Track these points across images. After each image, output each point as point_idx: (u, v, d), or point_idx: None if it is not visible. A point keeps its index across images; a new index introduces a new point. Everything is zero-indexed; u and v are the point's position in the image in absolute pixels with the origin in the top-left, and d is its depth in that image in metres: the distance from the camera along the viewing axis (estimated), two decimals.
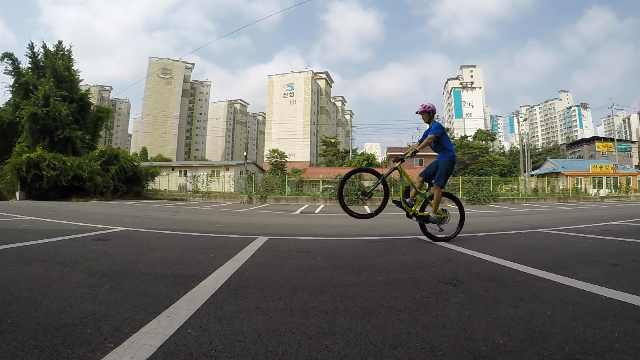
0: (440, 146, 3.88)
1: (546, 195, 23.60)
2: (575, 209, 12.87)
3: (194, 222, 6.44)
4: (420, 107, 4.03)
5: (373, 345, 1.26)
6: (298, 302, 1.75)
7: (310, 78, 79.01)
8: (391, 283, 2.15)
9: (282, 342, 1.28)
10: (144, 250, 3.23)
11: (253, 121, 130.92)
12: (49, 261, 2.62)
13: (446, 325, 1.45)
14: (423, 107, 4.00)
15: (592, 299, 1.81)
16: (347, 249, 3.52)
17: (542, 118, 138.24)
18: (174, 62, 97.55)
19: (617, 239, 4.22)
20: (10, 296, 1.76)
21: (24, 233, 4.23)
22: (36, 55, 23.33)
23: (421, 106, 4.04)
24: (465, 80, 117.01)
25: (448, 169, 3.79)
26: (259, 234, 4.36)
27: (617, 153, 41.82)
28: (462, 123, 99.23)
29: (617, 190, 31.93)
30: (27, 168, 17.24)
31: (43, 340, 1.25)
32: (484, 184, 20.10)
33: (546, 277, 2.29)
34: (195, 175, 22.92)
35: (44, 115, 19.89)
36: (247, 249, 3.29)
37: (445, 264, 2.74)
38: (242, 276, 2.29)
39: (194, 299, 1.77)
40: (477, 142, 58.82)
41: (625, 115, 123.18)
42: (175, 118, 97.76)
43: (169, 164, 40.46)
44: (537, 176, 35.64)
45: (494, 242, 4.06)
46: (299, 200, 17.35)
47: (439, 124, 3.88)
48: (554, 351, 1.21)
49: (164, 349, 1.20)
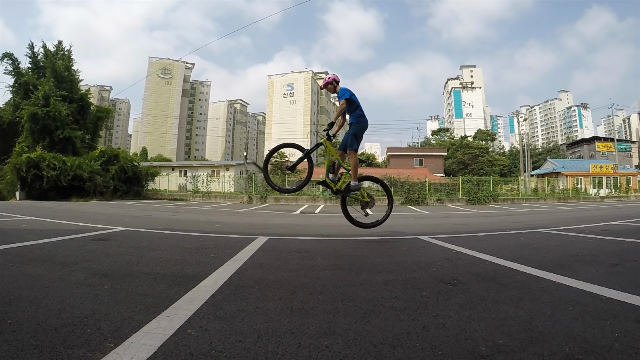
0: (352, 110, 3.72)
1: (546, 195, 23.60)
2: (575, 209, 12.87)
3: (194, 222, 6.44)
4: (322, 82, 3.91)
5: (373, 345, 1.26)
6: (298, 302, 1.75)
7: (310, 78, 79.05)
8: (391, 283, 2.15)
9: (282, 342, 1.28)
10: (144, 250, 3.23)
11: (253, 121, 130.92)
12: (49, 261, 2.61)
13: (446, 325, 1.45)
14: (325, 80, 3.86)
15: (592, 299, 1.81)
16: (347, 249, 3.52)
17: (542, 118, 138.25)
18: (174, 62, 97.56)
19: (617, 239, 4.22)
20: (10, 296, 1.76)
21: (24, 233, 4.22)
22: (36, 55, 23.33)
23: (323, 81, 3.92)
24: (465, 80, 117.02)
25: (357, 131, 3.61)
26: (259, 234, 4.36)
27: (617, 153, 41.83)
28: (462, 123, 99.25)
29: (617, 190, 31.94)
30: (27, 168, 17.23)
31: (43, 340, 1.25)
32: (484, 184, 20.10)
33: (546, 277, 2.28)
34: (195, 175, 22.93)
35: (44, 115, 19.89)
36: (247, 249, 3.29)
37: (445, 264, 2.74)
38: (242, 276, 2.29)
39: (194, 299, 1.77)
40: (477, 142, 58.78)
41: (625, 115, 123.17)
42: (175, 118, 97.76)
43: (169, 164, 40.45)
44: (537, 176, 35.64)
45: (494, 242, 4.06)
46: (299, 200, 17.34)
47: (343, 89, 3.69)
48: (554, 351, 1.21)
49: (164, 349, 1.20)
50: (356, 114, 3.63)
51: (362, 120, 3.63)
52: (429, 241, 3.99)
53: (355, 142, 3.62)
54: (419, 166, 42.25)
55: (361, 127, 3.64)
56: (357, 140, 3.63)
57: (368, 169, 31.03)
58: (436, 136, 73.02)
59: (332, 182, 3.68)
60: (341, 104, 3.63)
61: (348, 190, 3.59)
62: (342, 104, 3.62)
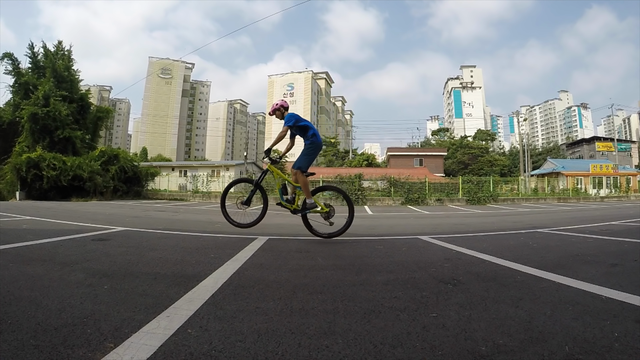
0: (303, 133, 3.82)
1: (546, 195, 23.60)
2: (575, 209, 12.87)
3: (194, 222, 6.44)
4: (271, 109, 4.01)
5: (373, 345, 1.26)
6: (298, 302, 1.75)
7: (310, 78, 79.06)
8: (391, 283, 2.15)
9: (282, 342, 1.28)
10: (144, 250, 3.23)
11: (253, 121, 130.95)
12: (49, 261, 2.61)
13: (446, 325, 1.45)
14: (273, 107, 3.97)
15: (592, 299, 1.81)
16: (347, 249, 3.52)
17: (542, 118, 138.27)
18: (174, 62, 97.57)
19: (617, 239, 4.22)
20: (10, 296, 1.76)
21: (24, 233, 4.22)
22: (36, 55, 23.33)
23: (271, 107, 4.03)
24: (465, 80, 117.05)
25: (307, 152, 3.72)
26: (259, 234, 4.36)
27: (617, 153, 41.83)
28: (462, 123, 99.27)
29: (617, 190, 31.94)
30: (27, 168, 17.23)
31: (43, 340, 1.25)
32: (484, 184, 20.10)
33: (546, 277, 2.28)
34: (195, 175, 22.95)
35: (44, 115, 19.89)
36: (247, 249, 3.29)
37: (445, 264, 2.74)
38: (242, 276, 2.29)
39: (194, 299, 1.77)
40: (477, 142, 58.80)
41: (625, 115, 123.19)
42: (175, 118, 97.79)
43: (169, 164, 40.47)
44: (537, 176, 35.64)
45: (494, 242, 4.06)
46: None
47: (289, 115, 3.79)
48: (554, 351, 1.21)
49: (164, 349, 1.20)
50: (308, 135, 3.74)
51: (315, 140, 3.72)
52: (429, 241, 3.99)
53: (304, 161, 3.70)
54: (419, 166, 42.26)
55: (313, 147, 3.72)
56: (307, 160, 3.72)
57: (368, 169, 31.00)
58: (436, 136, 73.06)
59: (287, 203, 3.80)
60: (284, 130, 3.73)
61: (304, 209, 3.70)
62: (284, 130, 3.73)
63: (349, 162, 50.04)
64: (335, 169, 37.95)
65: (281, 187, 3.87)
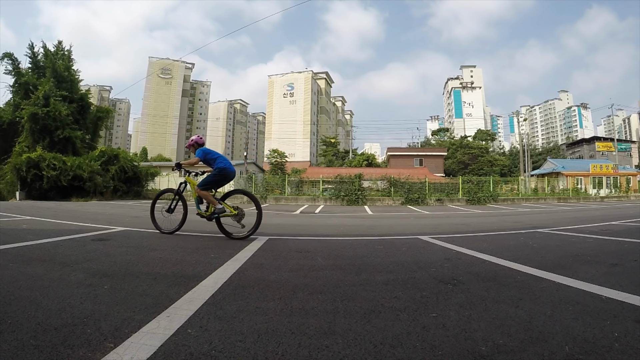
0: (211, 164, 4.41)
1: (546, 195, 23.60)
2: (575, 209, 12.87)
3: (194, 222, 6.43)
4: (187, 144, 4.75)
5: (373, 345, 1.26)
6: (298, 302, 1.75)
7: (310, 78, 79.00)
8: (391, 283, 2.15)
9: (282, 342, 1.28)
10: (144, 250, 3.24)
11: (253, 121, 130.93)
12: (49, 261, 2.61)
13: (446, 325, 1.45)
14: (188, 143, 4.67)
15: (592, 299, 1.81)
16: (347, 249, 3.52)
17: (542, 118, 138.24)
18: (174, 62, 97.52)
19: (617, 239, 4.22)
20: (10, 296, 1.76)
21: (24, 233, 4.23)
22: (36, 55, 23.35)
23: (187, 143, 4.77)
24: (465, 80, 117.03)
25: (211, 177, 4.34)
26: (259, 233, 4.36)
27: (617, 153, 41.81)
28: (462, 123, 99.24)
29: (617, 190, 31.94)
30: (27, 168, 17.23)
31: (43, 340, 1.25)
32: (484, 184, 20.09)
33: (546, 277, 2.29)
34: (195, 175, 22.89)
35: (44, 115, 19.90)
36: (247, 249, 3.29)
37: (445, 264, 2.74)
38: (242, 276, 2.29)
39: (194, 299, 1.77)
40: (477, 142, 58.76)
41: (625, 115, 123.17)
42: (175, 118, 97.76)
43: (169, 164, 40.35)
44: (537, 176, 35.63)
45: (494, 242, 4.06)
46: (299, 200, 17.34)
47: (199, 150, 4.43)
48: (554, 351, 1.21)
49: (164, 349, 1.20)
50: (215, 166, 4.32)
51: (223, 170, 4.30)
52: (429, 241, 3.99)
53: (206, 183, 4.29)
54: (419, 166, 42.24)
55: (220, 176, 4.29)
56: (210, 183, 4.30)
57: (368, 169, 31.02)
58: (436, 136, 73.03)
59: (203, 212, 4.25)
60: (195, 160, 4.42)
61: (214, 214, 4.15)
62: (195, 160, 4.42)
63: (349, 162, 50.03)
64: (335, 169, 37.94)
65: (197, 198, 4.31)
